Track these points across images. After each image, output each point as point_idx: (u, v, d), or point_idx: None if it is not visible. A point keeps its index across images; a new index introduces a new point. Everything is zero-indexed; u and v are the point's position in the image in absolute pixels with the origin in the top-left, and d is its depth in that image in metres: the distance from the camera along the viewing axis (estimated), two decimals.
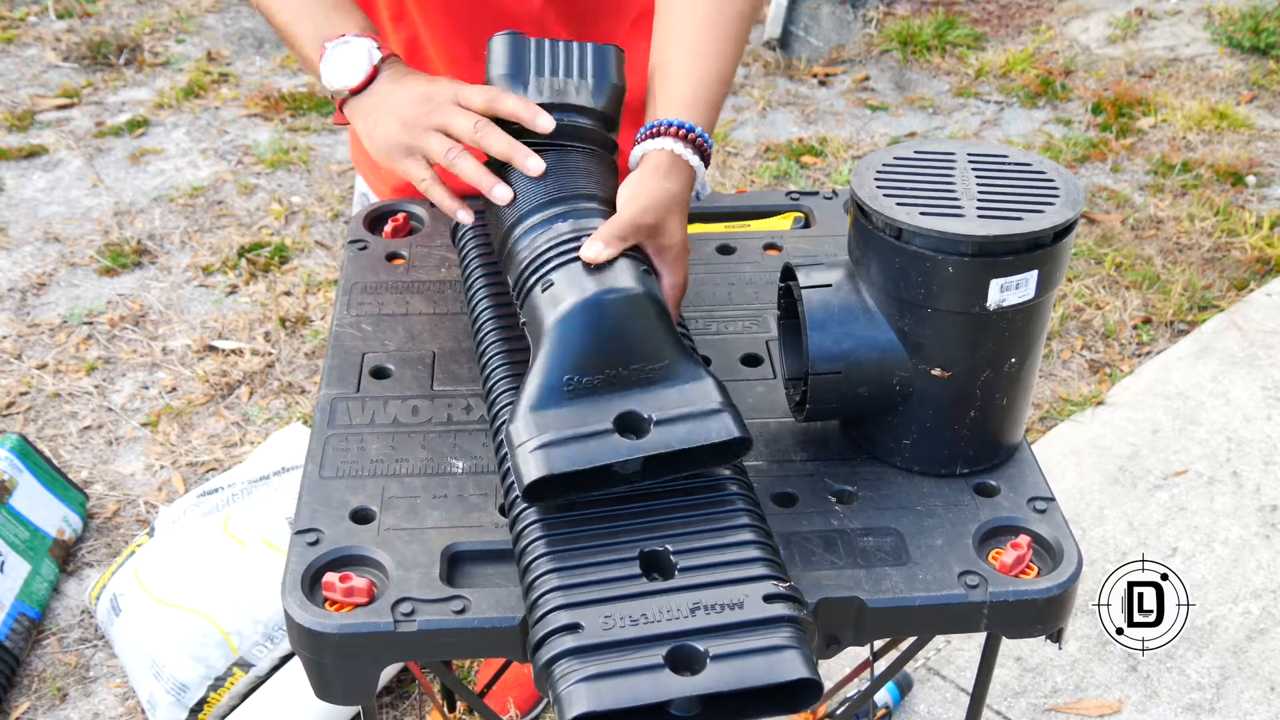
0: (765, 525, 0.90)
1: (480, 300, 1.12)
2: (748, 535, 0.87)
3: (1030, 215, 0.92)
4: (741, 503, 0.90)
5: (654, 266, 0.99)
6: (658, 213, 0.98)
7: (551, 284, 0.94)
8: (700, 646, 0.79)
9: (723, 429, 0.89)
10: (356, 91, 1.11)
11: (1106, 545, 2.22)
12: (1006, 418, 1.01)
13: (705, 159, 1.04)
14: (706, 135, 1.04)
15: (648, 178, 1.00)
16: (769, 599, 0.82)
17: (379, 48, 1.11)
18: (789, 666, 0.79)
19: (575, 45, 1.08)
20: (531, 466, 0.86)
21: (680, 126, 1.02)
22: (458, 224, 1.18)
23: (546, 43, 1.07)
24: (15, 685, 2.02)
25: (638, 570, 0.84)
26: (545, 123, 1.03)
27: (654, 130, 1.03)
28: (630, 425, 0.89)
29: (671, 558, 0.85)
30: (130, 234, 3.20)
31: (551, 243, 0.97)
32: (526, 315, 0.96)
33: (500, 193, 1.03)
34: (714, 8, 1.09)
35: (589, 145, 1.06)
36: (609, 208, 1.01)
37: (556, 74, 1.06)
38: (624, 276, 0.93)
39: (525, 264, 0.98)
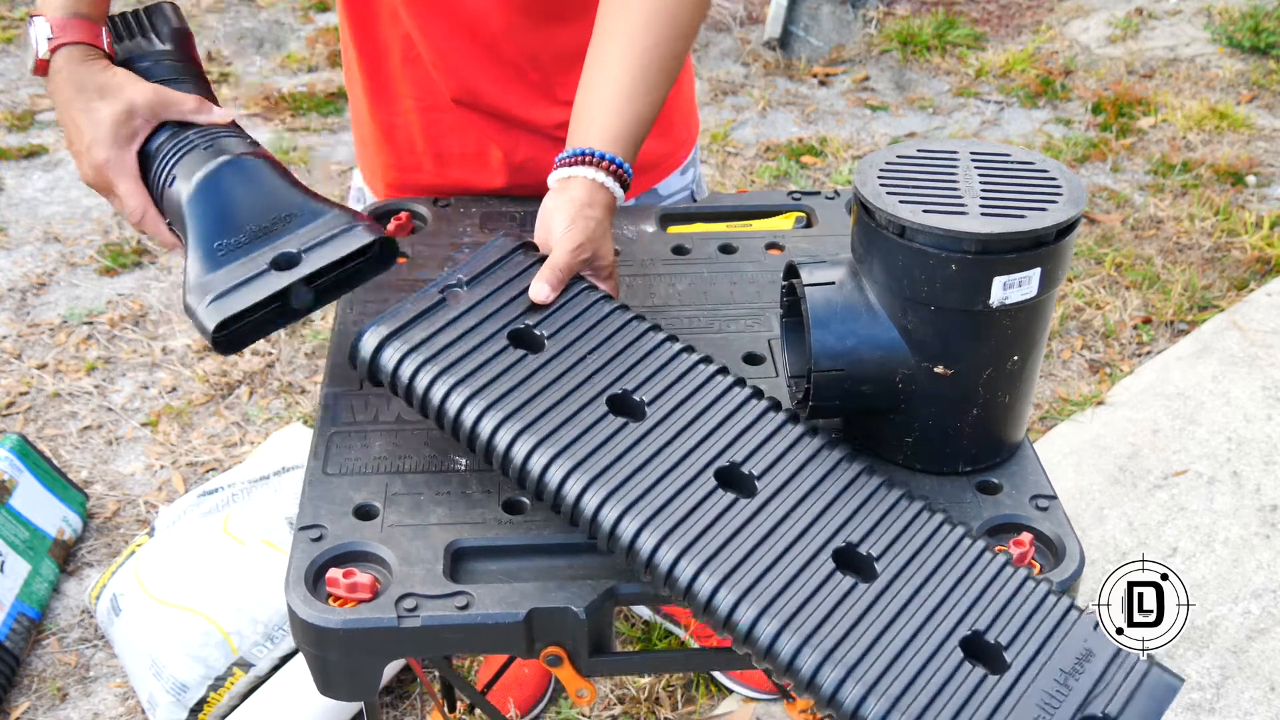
0: None
1: None
2: None
3: (1033, 213, 0.92)
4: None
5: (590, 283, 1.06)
6: (594, 243, 1.05)
7: (174, 178, 1.07)
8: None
9: (360, 236, 1.05)
10: (41, 74, 1.14)
11: (1106, 545, 2.22)
12: (1009, 416, 1.01)
13: (625, 187, 1.10)
14: (629, 170, 1.09)
15: (580, 209, 1.05)
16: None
17: (49, 39, 1.11)
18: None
19: (133, 13, 1.21)
20: (208, 318, 0.99)
21: (611, 160, 1.07)
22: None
23: (115, 19, 1.20)
24: (15, 685, 2.01)
25: None
26: (221, 115, 1.15)
27: (582, 158, 1.08)
28: (285, 262, 1.03)
29: None
30: (130, 234, 3.20)
31: (169, 149, 1.10)
32: (170, 215, 1.09)
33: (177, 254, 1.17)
34: (657, 39, 1.11)
35: (179, 75, 1.19)
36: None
37: (133, 38, 1.19)
38: (233, 146, 1.09)
39: (153, 179, 1.10)
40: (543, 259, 1.04)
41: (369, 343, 0.97)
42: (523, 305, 1.01)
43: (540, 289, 1.01)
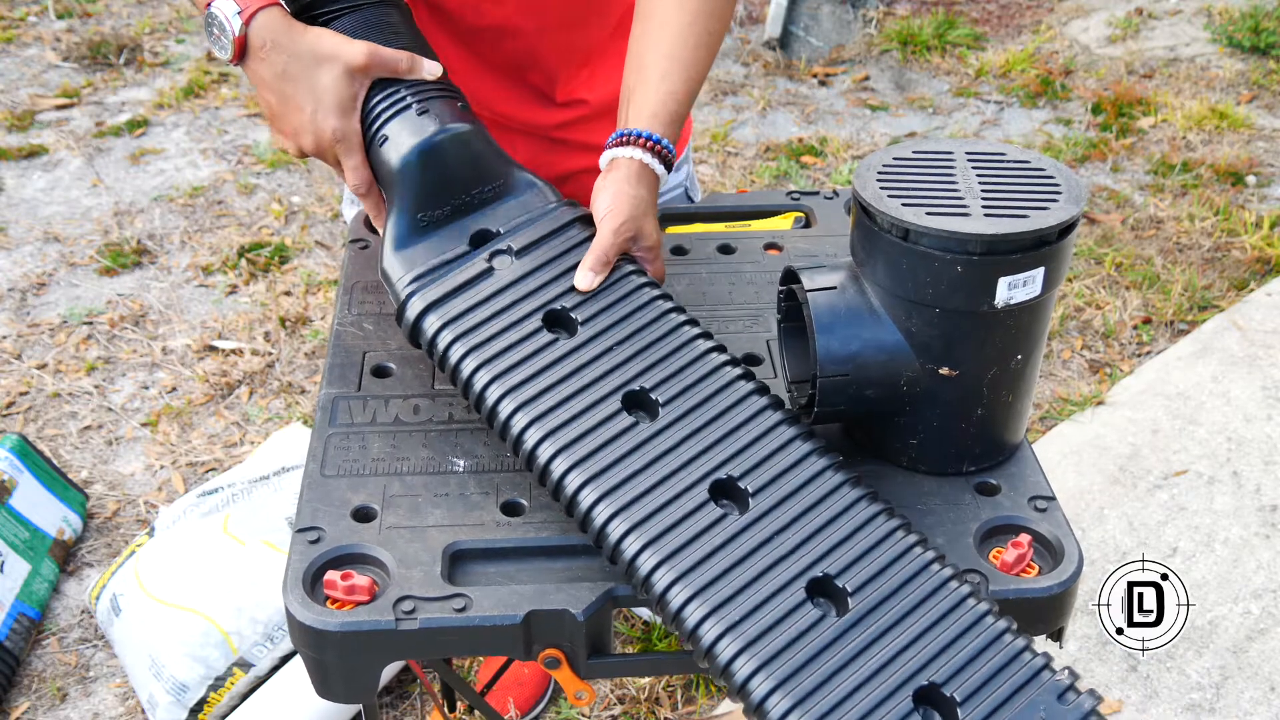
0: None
1: None
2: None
3: (1036, 213, 0.92)
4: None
5: (638, 264, 1.06)
6: (636, 221, 1.05)
7: (387, 138, 1.05)
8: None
9: (562, 214, 1.06)
10: (238, 62, 1.08)
11: (1106, 545, 2.22)
12: (1011, 415, 1.01)
13: (669, 166, 1.10)
14: (671, 145, 1.10)
15: (621, 187, 1.05)
16: None
17: (239, 12, 1.04)
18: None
19: None
20: (404, 290, 1.00)
21: (649, 138, 1.08)
22: None
23: None
24: (15, 685, 2.01)
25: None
26: (431, 70, 1.10)
27: (624, 139, 1.09)
28: (482, 240, 1.04)
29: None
30: (130, 234, 3.20)
31: (381, 107, 1.07)
32: (376, 173, 1.08)
33: None
34: (691, 19, 1.13)
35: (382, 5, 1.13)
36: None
37: None
38: (445, 112, 1.06)
39: (364, 128, 1.07)
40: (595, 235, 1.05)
41: (414, 307, 0.99)
42: (566, 283, 1.02)
43: (584, 277, 1.02)
